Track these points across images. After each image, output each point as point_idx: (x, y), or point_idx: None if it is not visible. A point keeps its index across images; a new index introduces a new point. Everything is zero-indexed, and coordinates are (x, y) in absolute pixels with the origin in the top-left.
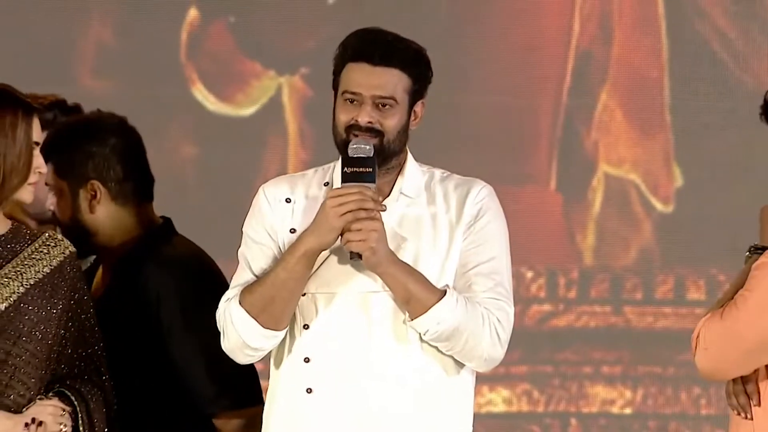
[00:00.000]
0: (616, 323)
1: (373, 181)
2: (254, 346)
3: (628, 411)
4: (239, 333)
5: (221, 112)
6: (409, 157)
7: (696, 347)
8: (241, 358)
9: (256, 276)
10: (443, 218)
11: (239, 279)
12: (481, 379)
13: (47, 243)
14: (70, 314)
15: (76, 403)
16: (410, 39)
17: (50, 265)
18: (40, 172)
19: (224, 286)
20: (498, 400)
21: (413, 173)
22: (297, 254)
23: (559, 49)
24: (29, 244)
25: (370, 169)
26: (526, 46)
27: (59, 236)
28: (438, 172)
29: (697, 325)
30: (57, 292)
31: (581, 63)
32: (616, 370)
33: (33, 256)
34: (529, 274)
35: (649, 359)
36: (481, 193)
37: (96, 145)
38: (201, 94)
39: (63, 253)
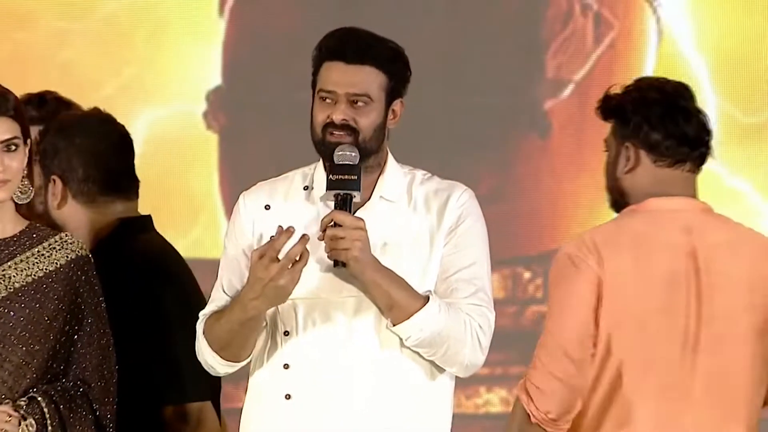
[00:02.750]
0: None
1: (358, 189)
2: (219, 372)
3: None
4: (205, 359)
5: None
6: (390, 158)
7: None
8: (212, 373)
9: (225, 292)
10: (424, 223)
11: (214, 293)
12: (478, 379)
13: (53, 245)
14: (67, 316)
15: (46, 410)
16: (401, 42)
17: (46, 269)
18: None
19: (187, 284)
20: (495, 401)
21: (394, 175)
22: (247, 316)
23: (560, 52)
24: (34, 246)
25: (355, 177)
26: (526, 48)
27: (70, 239)
28: (419, 174)
29: None
30: (49, 295)
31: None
32: None
33: (31, 258)
34: (527, 275)
35: None
36: (462, 198)
37: (62, 142)
38: None
39: (67, 256)
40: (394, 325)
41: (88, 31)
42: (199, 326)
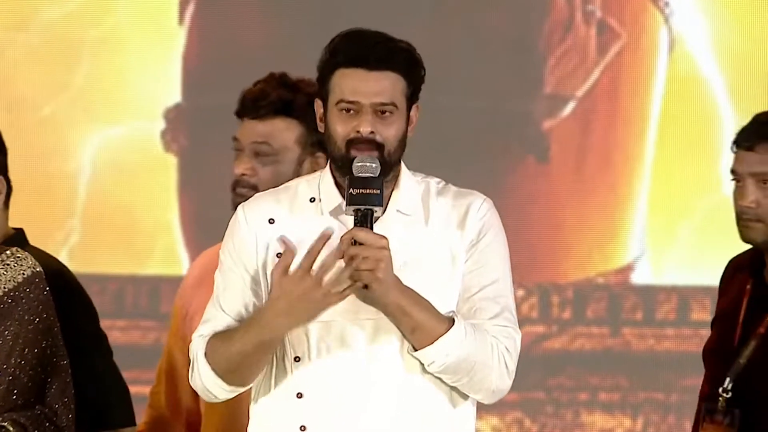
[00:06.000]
0: (614, 346)
1: (381, 204)
2: (220, 397)
3: None
4: (204, 384)
5: None
6: (403, 167)
7: None
8: (207, 399)
9: (225, 311)
10: (443, 238)
11: (210, 311)
12: None
13: (6, 262)
14: (29, 338)
15: None
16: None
17: (4, 287)
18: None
19: (77, 300)
20: (486, 430)
21: (408, 186)
22: (265, 336)
23: (559, 65)
24: None
25: (378, 191)
26: (522, 62)
27: (21, 254)
28: (434, 183)
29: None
30: (8, 317)
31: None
32: (614, 397)
33: None
34: (520, 293)
35: (650, 385)
36: (482, 209)
37: None
38: None
39: (22, 273)
40: (416, 350)
41: (30, 40)
42: (199, 349)
